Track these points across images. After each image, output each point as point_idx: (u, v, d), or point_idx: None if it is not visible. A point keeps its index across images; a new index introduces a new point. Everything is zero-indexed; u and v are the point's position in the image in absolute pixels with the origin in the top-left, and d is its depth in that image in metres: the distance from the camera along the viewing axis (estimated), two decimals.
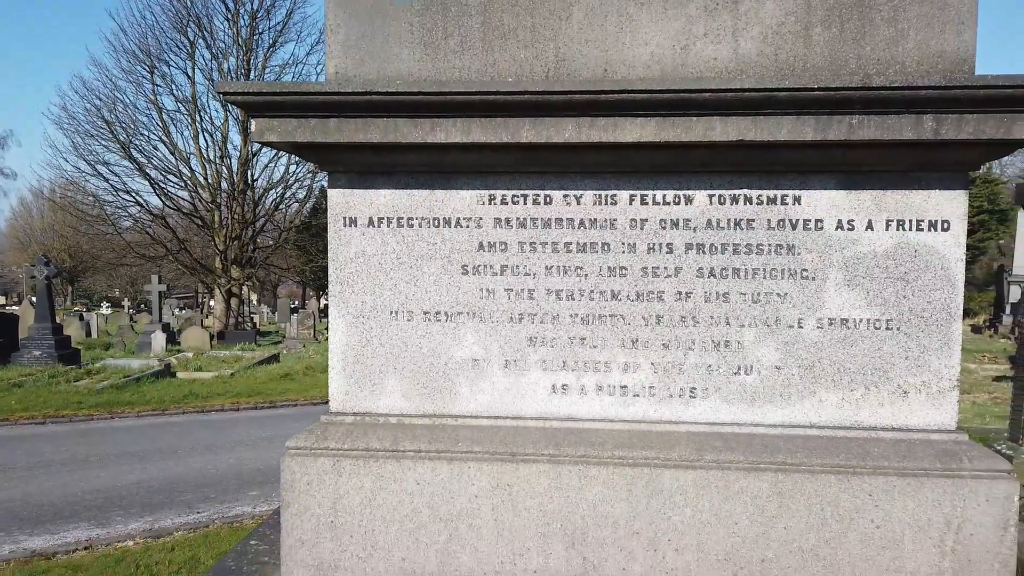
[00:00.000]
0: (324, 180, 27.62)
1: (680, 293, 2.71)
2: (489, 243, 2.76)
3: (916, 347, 2.64)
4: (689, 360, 2.73)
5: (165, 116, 25.88)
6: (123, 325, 24.31)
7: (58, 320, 18.48)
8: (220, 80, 25.05)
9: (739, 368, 2.71)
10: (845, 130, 2.39)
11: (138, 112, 26.10)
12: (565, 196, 2.72)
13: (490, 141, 2.50)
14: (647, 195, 2.69)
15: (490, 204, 2.74)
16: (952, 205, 2.60)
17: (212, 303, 32.31)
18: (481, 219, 2.75)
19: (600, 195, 2.71)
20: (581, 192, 2.71)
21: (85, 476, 7.69)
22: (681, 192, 2.68)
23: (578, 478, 2.66)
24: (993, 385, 12.45)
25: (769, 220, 2.66)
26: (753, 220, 2.66)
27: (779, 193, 2.65)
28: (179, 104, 26.44)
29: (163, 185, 25.95)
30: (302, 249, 31.34)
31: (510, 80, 2.56)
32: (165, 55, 25.97)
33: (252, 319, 32.60)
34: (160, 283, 23.42)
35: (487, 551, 2.70)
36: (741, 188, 2.66)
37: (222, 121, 26.91)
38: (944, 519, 2.55)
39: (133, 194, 25.81)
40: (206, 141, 26.60)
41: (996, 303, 24.18)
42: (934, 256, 2.61)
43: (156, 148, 25.92)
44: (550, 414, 2.79)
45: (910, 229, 2.62)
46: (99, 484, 7.36)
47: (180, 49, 26.02)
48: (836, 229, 2.64)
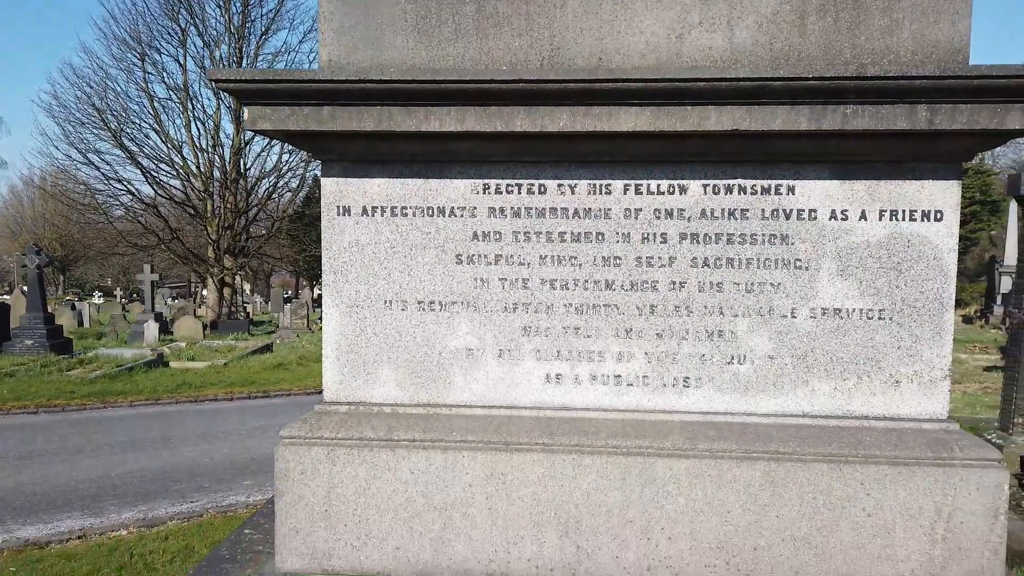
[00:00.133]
0: (317, 169, 27.43)
1: (674, 283, 2.71)
2: (483, 232, 2.75)
3: (908, 337, 2.66)
4: (683, 350, 2.73)
5: (156, 104, 25.65)
6: (115, 315, 24.17)
7: (50, 309, 18.38)
8: (212, 68, 24.90)
9: (732, 358, 2.72)
10: (839, 120, 2.39)
11: (129, 100, 25.88)
12: (559, 185, 2.71)
13: (484, 130, 2.50)
14: (641, 185, 2.69)
15: (484, 193, 2.73)
16: (945, 195, 2.61)
17: (205, 293, 32.20)
18: (475, 208, 2.74)
19: (594, 184, 2.70)
20: (575, 181, 2.71)
21: (78, 465, 7.67)
22: (675, 182, 2.68)
23: (572, 467, 2.67)
24: (984, 375, 12.52)
25: (763, 210, 2.66)
26: (747, 210, 2.66)
27: (773, 183, 2.65)
28: (170, 92, 26.23)
29: (155, 174, 25.76)
30: (295, 239, 31.22)
31: (505, 68, 2.55)
32: (156, 42, 25.73)
33: (245, 309, 32.50)
34: (153, 272, 23.29)
35: (481, 540, 2.71)
36: (735, 178, 2.66)
37: (214, 109, 26.71)
38: (935, 507, 2.57)
39: (125, 183, 25.63)
40: (198, 129, 26.41)
41: (987, 293, 24.30)
42: (927, 246, 2.62)
43: (148, 136, 25.73)
44: (544, 403, 2.79)
45: (903, 219, 2.62)
46: (92, 473, 7.34)
47: (171, 36, 25.78)
48: (830, 219, 2.64)
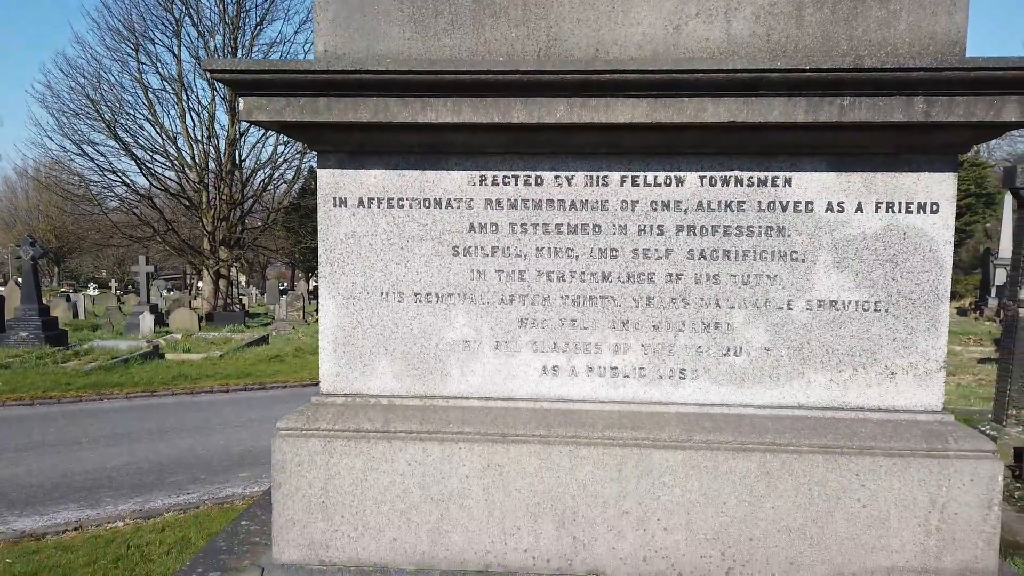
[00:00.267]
0: (313, 161, 27.38)
1: (671, 275, 2.72)
2: (480, 224, 2.75)
3: (904, 329, 2.66)
4: (679, 341, 2.74)
5: (151, 95, 25.53)
6: (111, 306, 24.10)
7: (45, 301, 18.34)
8: (207, 58, 24.77)
9: (728, 349, 2.73)
10: (836, 112, 2.39)
11: (123, 91, 25.76)
12: (556, 177, 2.71)
13: (481, 121, 2.49)
14: (638, 176, 2.69)
15: (481, 185, 2.73)
16: (941, 187, 2.61)
17: (200, 284, 32.14)
18: (472, 200, 2.74)
19: (591, 176, 2.70)
20: (572, 173, 2.70)
21: (74, 457, 7.67)
22: (672, 174, 2.67)
23: (568, 458, 2.68)
24: (978, 367, 12.57)
25: (760, 202, 2.66)
26: (744, 202, 2.66)
27: (770, 175, 2.65)
28: (165, 83, 26.09)
29: (150, 165, 25.65)
30: (291, 230, 31.18)
31: (501, 59, 2.54)
32: (150, 32, 25.59)
33: (241, 301, 32.44)
34: (148, 264, 23.22)
35: (478, 531, 2.72)
36: (732, 170, 2.66)
37: (209, 100, 26.60)
38: (929, 498, 2.59)
39: (119, 174, 25.51)
40: (193, 120, 26.30)
41: (982, 286, 24.36)
42: (923, 238, 2.63)
43: (142, 127, 25.60)
44: (541, 395, 2.80)
45: (899, 211, 2.63)
46: (88, 465, 7.34)
47: (166, 26, 25.63)
48: (826, 211, 2.65)
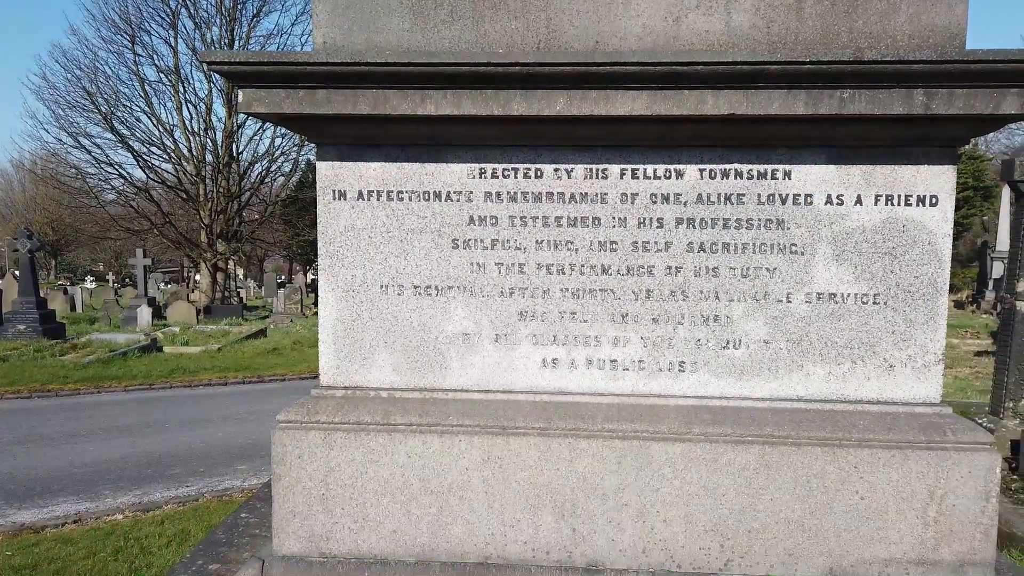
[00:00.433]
0: (310, 153, 27.35)
1: (670, 267, 2.72)
2: (480, 217, 2.74)
3: (902, 321, 2.67)
4: (678, 334, 2.74)
5: (147, 87, 25.44)
6: (108, 299, 24.08)
7: (42, 294, 18.31)
8: (204, 50, 24.65)
9: (728, 342, 2.73)
10: (836, 104, 2.39)
11: (120, 83, 25.74)
12: (556, 170, 2.71)
13: (481, 114, 2.48)
14: (638, 169, 2.69)
15: (481, 178, 2.73)
16: (940, 180, 2.61)
17: (198, 277, 32.08)
18: (472, 193, 2.73)
19: (591, 169, 2.70)
20: (572, 166, 2.70)
21: (73, 450, 7.67)
22: (672, 166, 2.67)
23: (568, 451, 2.68)
24: (975, 360, 12.61)
25: (759, 195, 2.66)
26: (743, 195, 2.66)
27: (769, 168, 2.65)
28: (161, 75, 25.98)
29: (146, 157, 25.58)
30: (288, 223, 31.12)
31: (501, 51, 2.53)
32: (146, 24, 25.49)
33: (239, 294, 32.42)
34: (145, 257, 23.18)
35: (478, 523, 2.73)
36: (732, 162, 2.65)
37: (206, 92, 26.53)
38: (927, 490, 2.60)
39: (116, 166, 25.45)
40: (190, 113, 26.20)
41: (979, 279, 24.40)
42: (922, 231, 2.63)
43: (139, 120, 25.54)
44: (540, 388, 2.80)
45: (898, 204, 2.63)
46: (87, 458, 7.34)
47: (162, 18, 25.52)
48: (825, 204, 2.65)
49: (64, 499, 6.12)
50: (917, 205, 2.62)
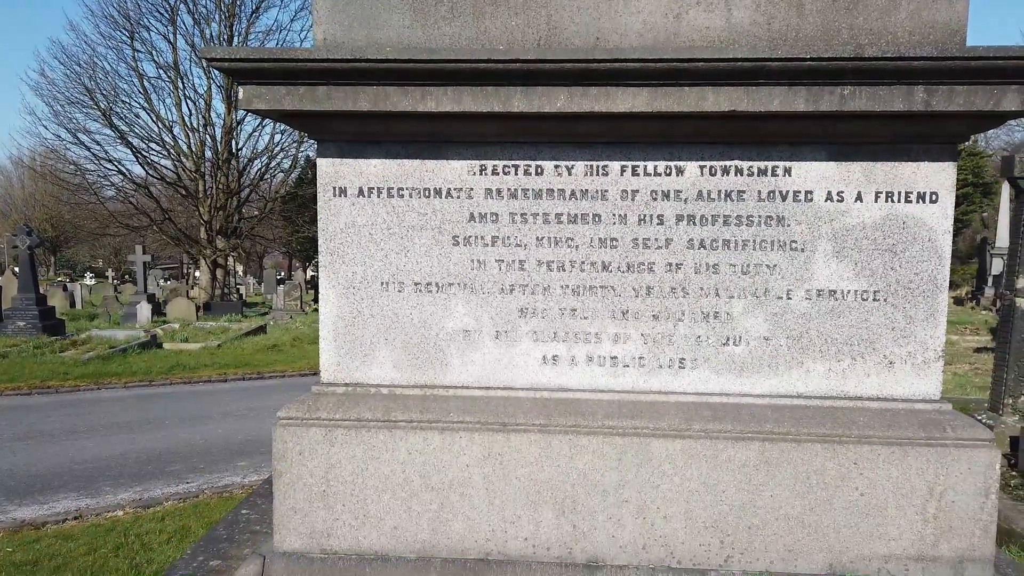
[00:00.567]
0: (310, 150, 27.27)
1: (670, 264, 2.72)
2: (480, 214, 2.74)
3: (902, 318, 2.67)
4: (679, 331, 2.74)
5: (147, 83, 25.35)
6: (108, 296, 24.04)
7: (42, 291, 18.29)
8: (202, 46, 24.57)
9: (728, 339, 2.73)
10: (837, 101, 2.39)
11: (119, 79, 25.62)
12: (556, 167, 2.71)
13: (481, 110, 2.48)
14: (638, 166, 2.69)
15: (481, 174, 2.73)
16: (940, 177, 2.61)
17: (197, 274, 32.03)
18: (472, 190, 2.73)
19: (591, 166, 2.70)
20: (572, 163, 2.70)
21: (73, 447, 7.67)
22: (672, 163, 2.67)
23: (568, 447, 2.69)
24: (974, 356, 12.62)
25: (759, 191, 2.66)
26: (744, 191, 2.66)
27: (770, 164, 2.65)
28: (160, 71, 25.87)
29: (146, 154, 25.48)
30: (288, 220, 31.05)
31: (501, 48, 2.53)
32: (145, 20, 25.38)
33: (238, 290, 32.41)
34: (144, 253, 23.14)
35: (478, 519, 2.73)
36: (732, 159, 2.65)
37: (205, 89, 26.51)
38: (927, 487, 2.60)
39: (115, 163, 25.37)
40: (189, 109, 26.10)
41: (978, 275, 24.40)
42: (922, 228, 2.63)
43: (138, 116, 25.42)
44: (541, 384, 2.81)
45: (899, 201, 2.63)
46: (87, 455, 7.34)
47: (161, 14, 25.40)
48: (826, 201, 2.65)
49: (64, 495, 6.11)
50: (917, 202, 2.62)
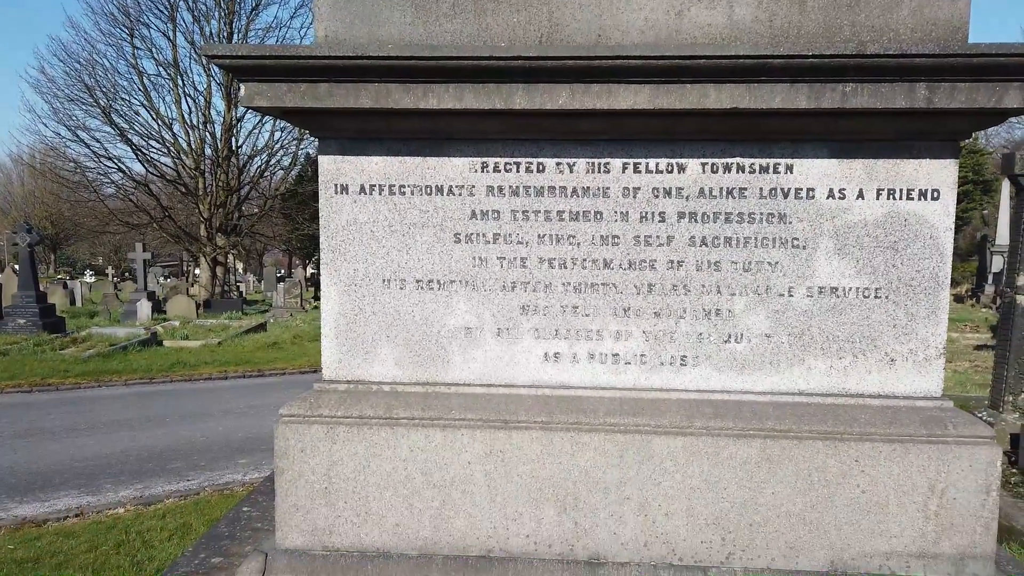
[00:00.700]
0: (310, 147, 27.23)
1: (672, 262, 2.72)
2: (482, 211, 2.74)
3: (904, 315, 2.67)
4: (680, 328, 2.75)
5: (146, 80, 25.32)
6: (108, 293, 24.04)
7: (42, 288, 18.29)
8: (202, 43, 24.58)
9: (729, 336, 2.74)
10: (839, 98, 2.39)
11: (119, 76, 25.56)
12: (558, 164, 2.71)
13: (483, 107, 2.48)
14: (640, 163, 2.69)
15: (483, 172, 2.73)
16: (942, 174, 2.61)
17: (197, 271, 32.03)
18: (474, 187, 2.73)
19: (593, 163, 2.70)
20: (574, 160, 2.70)
21: (74, 444, 7.68)
22: (674, 160, 2.67)
23: (570, 445, 2.69)
24: (974, 354, 12.62)
25: (761, 189, 2.66)
26: (745, 189, 2.66)
27: (771, 162, 2.65)
28: (160, 68, 25.84)
29: (145, 151, 25.47)
30: (288, 217, 31.03)
31: (503, 45, 2.52)
32: (145, 17, 25.34)
33: (238, 288, 32.41)
34: (144, 251, 23.17)
35: (480, 516, 2.74)
36: (734, 156, 2.65)
37: (205, 86, 26.38)
38: (928, 484, 2.61)
39: (115, 160, 25.36)
40: (189, 106, 26.07)
41: (978, 273, 24.40)
42: (923, 225, 2.63)
43: (137, 113, 25.40)
44: (542, 382, 2.81)
45: (900, 198, 2.63)
46: (88, 452, 7.35)
47: (161, 11, 25.38)
48: (827, 198, 2.65)
49: (65, 493, 6.12)
50: (919, 199, 2.62)
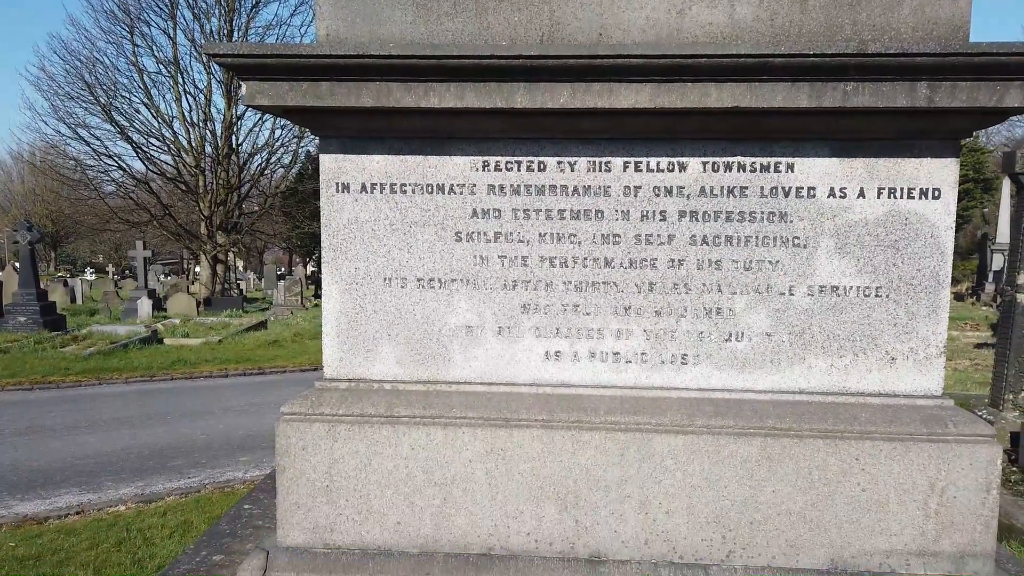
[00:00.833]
0: (310, 145, 27.19)
1: (673, 260, 2.72)
2: (483, 210, 2.75)
3: (904, 314, 2.68)
4: (681, 327, 2.75)
5: (146, 78, 25.30)
6: (108, 291, 24.04)
7: (42, 286, 18.30)
8: (202, 41, 24.56)
9: (730, 335, 2.74)
10: (840, 97, 2.39)
11: (119, 74, 25.56)
12: (559, 163, 2.71)
13: (484, 106, 2.48)
14: (641, 162, 2.69)
15: (484, 170, 2.73)
16: (943, 173, 2.61)
17: (198, 269, 32.04)
18: (475, 185, 2.74)
19: (594, 162, 2.70)
20: (575, 159, 2.70)
21: (75, 442, 7.69)
22: (675, 159, 2.67)
23: (571, 443, 2.69)
24: (975, 352, 12.62)
25: (762, 188, 2.66)
26: (746, 187, 2.67)
27: (772, 160, 2.65)
28: (160, 66, 25.81)
29: (146, 149, 25.46)
30: (288, 215, 31.01)
31: (504, 44, 2.52)
32: (145, 14, 25.32)
33: (239, 286, 32.42)
34: (145, 249, 23.15)
35: (481, 514, 2.74)
36: (735, 155, 2.66)
37: (205, 84, 26.37)
38: (928, 482, 2.61)
39: (115, 158, 25.35)
40: (189, 104, 26.05)
41: (979, 271, 24.40)
42: (924, 224, 2.63)
43: (138, 111, 25.37)
44: (543, 380, 2.81)
45: (901, 197, 2.63)
46: (89, 450, 7.36)
47: (161, 9, 25.37)
48: (828, 197, 2.65)
49: (66, 490, 6.13)
50: (920, 198, 2.63)
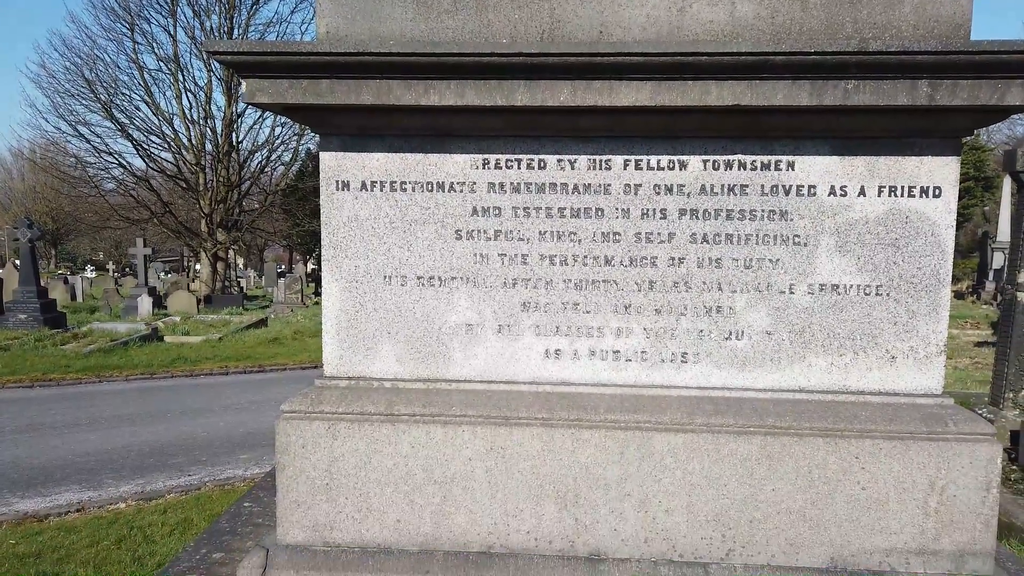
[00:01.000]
0: (310, 142, 27.17)
1: (673, 259, 2.72)
2: (483, 208, 2.74)
3: (905, 313, 2.67)
4: (681, 325, 2.75)
5: (147, 75, 25.28)
6: (108, 289, 24.04)
7: (43, 283, 18.31)
8: (203, 38, 24.55)
9: (730, 333, 2.74)
10: (840, 95, 2.38)
11: (119, 71, 25.61)
12: (559, 161, 2.70)
13: (484, 104, 2.48)
14: (641, 160, 2.68)
15: (484, 168, 2.72)
16: (944, 171, 2.61)
17: (198, 267, 32.07)
18: (475, 183, 2.73)
19: (594, 160, 2.69)
20: (575, 157, 2.70)
21: (75, 439, 7.69)
22: (675, 157, 2.67)
23: (571, 441, 2.69)
24: (975, 350, 12.62)
25: (762, 186, 2.66)
26: (747, 186, 2.66)
27: (773, 159, 2.65)
28: (161, 63, 25.82)
29: (146, 147, 25.46)
30: (288, 213, 31.01)
31: (504, 42, 2.52)
32: (145, 12, 25.38)
33: (239, 283, 32.42)
34: (145, 246, 23.14)
35: (481, 513, 2.74)
36: (735, 153, 2.65)
37: (205, 81, 26.37)
38: (928, 481, 2.61)
39: (116, 155, 25.35)
40: (189, 101, 26.04)
41: (979, 269, 24.40)
42: (925, 222, 2.63)
43: (138, 108, 25.37)
44: (543, 379, 2.81)
45: (902, 195, 2.63)
46: (89, 447, 7.36)
47: (161, 6, 25.34)
48: (829, 195, 2.65)
49: (67, 488, 6.13)
50: (920, 196, 2.62)
